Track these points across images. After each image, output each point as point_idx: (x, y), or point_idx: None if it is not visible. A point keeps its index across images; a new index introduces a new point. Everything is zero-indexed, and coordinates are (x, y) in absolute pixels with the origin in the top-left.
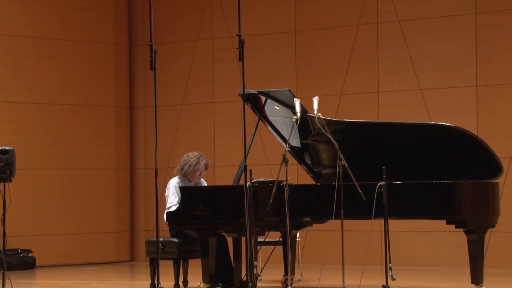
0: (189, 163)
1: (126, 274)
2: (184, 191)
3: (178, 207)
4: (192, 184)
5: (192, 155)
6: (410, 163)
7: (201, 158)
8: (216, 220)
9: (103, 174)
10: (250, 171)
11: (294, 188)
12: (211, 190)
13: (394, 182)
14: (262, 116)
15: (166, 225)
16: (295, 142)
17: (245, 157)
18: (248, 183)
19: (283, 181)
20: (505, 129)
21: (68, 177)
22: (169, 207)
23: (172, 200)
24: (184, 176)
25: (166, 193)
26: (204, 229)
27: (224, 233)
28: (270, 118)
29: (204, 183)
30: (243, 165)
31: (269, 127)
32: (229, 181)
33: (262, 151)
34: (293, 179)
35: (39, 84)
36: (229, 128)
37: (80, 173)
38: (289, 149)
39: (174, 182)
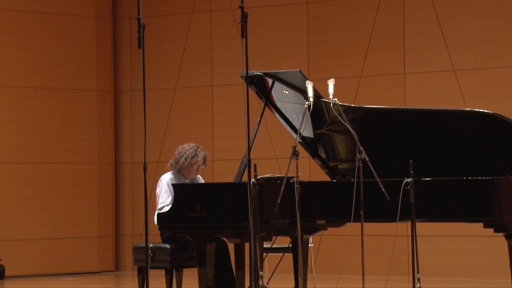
0: (184, 155)
1: (110, 285)
2: (177, 189)
3: (170, 207)
4: (187, 181)
5: (188, 147)
6: (441, 156)
7: (199, 150)
8: (215, 223)
9: (83, 169)
10: (255, 166)
11: (306, 185)
12: (209, 188)
13: (423, 179)
14: (269, 101)
15: (157, 228)
16: (307, 132)
17: (249, 149)
18: (252, 180)
19: (293, 177)
20: None
21: (41, 173)
22: (161, 208)
23: (164, 199)
24: (178, 172)
25: (157, 191)
26: (201, 234)
27: (224, 238)
28: (278, 104)
29: (201, 180)
30: (246, 159)
31: (276, 115)
32: (230, 178)
33: (268, 142)
34: (304, 176)
35: (5, 64)
36: (229, 116)
37: (55, 168)
38: (300, 140)
39: (166, 179)
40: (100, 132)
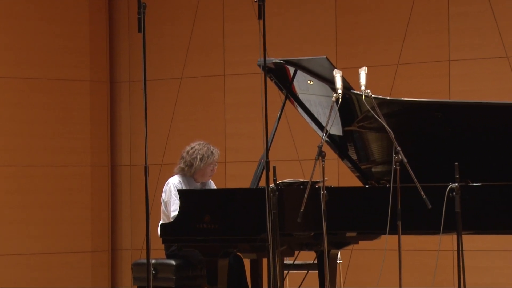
0: (199, 156)
1: None
2: (183, 195)
3: (176, 217)
4: (198, 186)
5: (198, 146)
6: (492, 158)
7: (211, 147)
8: (228, 235)
9: (74, 172)
10: (274, 169)
11: (333, 192)
12: (221, 194)
13: (471, 184)
14: (290, 94)
15: (160, 242)
16: (335, 129)
17: (267, 150)
18: (271, 185)
19: (318, 182)
20: None
21: (27, 176)
22: (174, 216)
23: (176, 206)
24: (189, 175)
25: (164, 197)
26: (211, 248)
27: (239, 253)
28: (301, 97)
29: (213, 185)
30: (264, 161)
31: (299, 109)
32: (245, 183)
33: (290, 141)
34: (332, 180)
35: None
36: (244, 111)
37: (42, 171)
38: (327, 138)
39: (175, 182)
40: (93, 129)
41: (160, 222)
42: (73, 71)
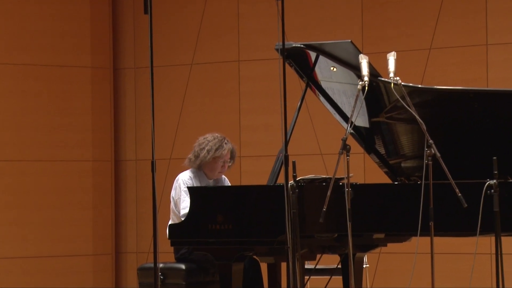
0: (207, 147)
1: None
2: (194, 193)
3: (186, 217)
4: (211, 183)
5: (211, 137)
6: None
7: (225, 141)
8: (243, 237)
9: (74, 168)
10: (294, 164)
11: (359, 189)
12: (235, 192)
13: (511, 180)
14: (312, 81)
15: (169, 244)
16: (361, 120)
17: (286, 143)
18: (291, 182)
19: (343, 178)
20: None
21: (22, 173)
22: (185, 214)
23: (187, 204)
24: (199, 169)
25: (173, 194)
26: (225, 251)
27: (255, 257)
28: (324, 85)
29: (227, 182)
30: (283, 156)
31: (321, 98)
32: (261, 180)
33: (311, 134)
34: (358, 176)
35: None
36: (261, 101)
37: (40, 167)
38: (352, 131)
39: (185, 178)
40: (95, 121)
41: (169, 222)
42: (72, 57)
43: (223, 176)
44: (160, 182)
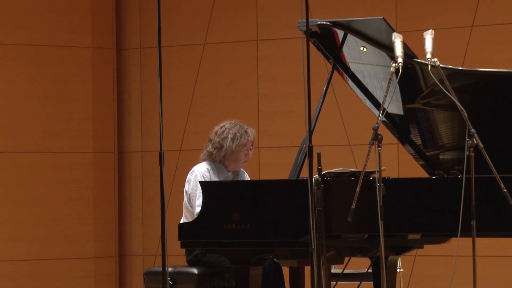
0: (230, 136)
1: None
2: (207, 188)
3: (198, 216)
4: (230, 176)
5: (230, 125)
6: None
7: (247, 127)
8: (262, 238)
9: (73, 161)
10: (319, 155)
11: (393, 184)
12: (253, 187)
13: None
14: (339, 63)
15: (179, 246)
16: (395, 107)
17: (310, 132)
18: (315, 176)
19: (374, 172)
20: None
21: (15, 166)
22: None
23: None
24: (218, 162)
25: (187, 188)
26: (242, 253)
27: (276, 260)
28: (352, 67)
29: (246, 176)
30: (307, 147)
31: (350, 82)
32: (282, 173)
33: (338, 122)
34: (391, 170)
35: None
36: (282, 85)
37: (34, 159)
38: (384, 118)
39: (202, 170)
40: (96, 107)
41: (181, 221)
42: (71, 36)
43: (242, 170)
44: (169, 176)
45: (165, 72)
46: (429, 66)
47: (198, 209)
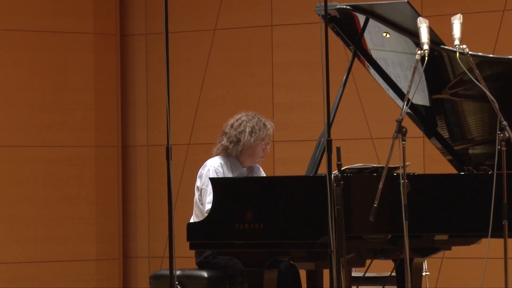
0: (248, 128)
1: None
2: (217, 185)
3: (208, 214)
4: (245, 172)
5: (246, 117)
6: None
7: (265, 120)
8: (277, 239)
9: (73, 155)
10: (338, 150)
11: (418, 180)
12: (268, 184)
13: None
14: (360, 50)
15: (188, 247)
16: (421, 97)
17: (329, 125)
18: (334, 172)
19: (397, 168)
20: None
21: (11, 161)
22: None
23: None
24: (234, 157)
25: (198, 183)
26: (255, 255)
27: (292, 262)
28: (374, 54)
29: (262, 172)
30: (325, 140)
31: (372, 71)
32: (299, 169)
33: (359, 114)
34: (416, 165)
35: None
36: (298, 74)
37: (32, 154)
38: (409, 110)
39: (215, 164)
40: (99, 98)
41: (191, 220)
42: (71, 21)
43: (257, 165)
44: (177, 172)
45: (173, 60)
46: (457, 53)
47: (208, 206)
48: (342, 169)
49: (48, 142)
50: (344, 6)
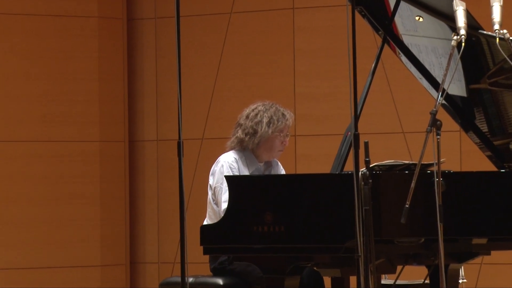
0: (265, 119)
1: None
2: (233, 183)
3: (223, 216)
4: (262, 168)
5: (263, 107)
6: None
7: (284, 109)
8: (299, 243)
9: (76, 151)
10: (367, 145)
11: (454, 179)
12: (289, 182)
13: None
14: (390, 36)
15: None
16: (457, 87)
17: (356, 117)
18: (362, 169)
19: (431, 165)
20: None
21: (8, 157)
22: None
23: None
24: (250, 150)
25: (211, 181)
26: (275, 261)
27: (315, 269)
28: (406, 40)
29: (281, 169)
30: (352, 134)
31: (403, 58)
32: (324, 166)
33: (389, 106)
34: (452, 162)
35: None
36: (322, 60)
37: (30, 149)
38: (444, 101)
39: (229, 160)
40: (104, 88)
41: (205, 222)
42: (74, 4)
43: (277, 161)
44: (190, 169)
45: (185, 46)
46: (497, 39)
47: (224, 205)
48: (370, 166)
49: (48, 137)
50: None
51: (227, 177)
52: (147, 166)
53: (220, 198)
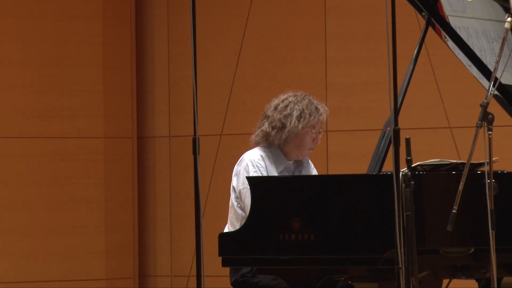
0: (295, 112)
1: None
2: (256, 185)
3: (245, 223)
4: (291, 167)
5: (294, 98)
6: None
7: (317, 102)
8: (331, 253)
9: (78, 149)
10: (408, 141)
11: (507, 180)
12: (320, 184)
13: None
14: (435, 18)
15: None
16: (510, 76)
17: (396, 111)
18: (403, 169)
19: (482, 164)
20: None
21: (2, 156)
22: None
23: None
24: (277, 147)
25: (234, 183)
26: (304, 274)
27: (350, 283)
28: (453, 22)
29: (312, 169)
30: (391, 130)
31: (450, 43)
32: (359, 166)
33: (434, 98)
34: (504, 161)
35: None
36: (358, 45)
37: (27, 147)
38: (496, 92)
39: (255, 158)
40: (109, 78)
41: (226, 229)
42: None
43: (307, 159)
44: (207, 169)
45: (201, 30)
46: None
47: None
48: (412, 165)
49: (46, 132)
50: None
51: (249, 179)
52: (158, 166)
53: (246, 202)
